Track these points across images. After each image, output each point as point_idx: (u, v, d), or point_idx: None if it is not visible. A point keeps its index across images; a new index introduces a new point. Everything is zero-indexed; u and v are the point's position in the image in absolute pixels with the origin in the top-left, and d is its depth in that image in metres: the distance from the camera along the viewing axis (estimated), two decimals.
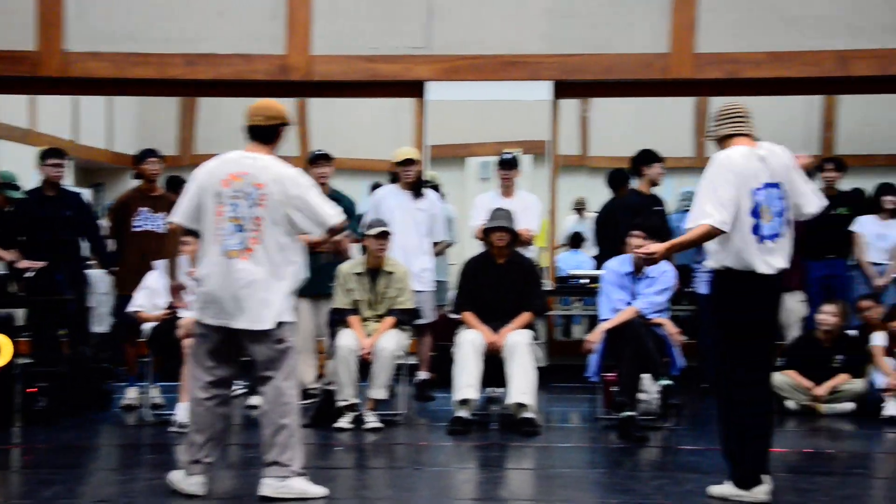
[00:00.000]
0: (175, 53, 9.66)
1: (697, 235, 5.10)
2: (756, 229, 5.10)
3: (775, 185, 5.19)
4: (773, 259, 5.14)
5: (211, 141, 12.82)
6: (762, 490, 5.12)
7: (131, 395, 8.00)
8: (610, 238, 8.58)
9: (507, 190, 8.52)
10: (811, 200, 5.32)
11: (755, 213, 5.11)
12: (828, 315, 7.94)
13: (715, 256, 5.19)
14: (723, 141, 5.29)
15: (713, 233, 5.04)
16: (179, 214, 5.29)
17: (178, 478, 5.24)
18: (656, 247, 5.23)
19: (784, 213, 5.22)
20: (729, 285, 5.18)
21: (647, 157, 8.73)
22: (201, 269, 5.23)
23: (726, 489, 5.18)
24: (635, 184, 8.97)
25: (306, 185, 5.33)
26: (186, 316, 7.27)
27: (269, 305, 5.14)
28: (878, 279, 8.85)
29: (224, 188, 5.16)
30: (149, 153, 8.37)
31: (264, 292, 5.13)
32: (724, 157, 5.16)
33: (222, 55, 9.66)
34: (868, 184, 9.54)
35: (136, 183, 8.60)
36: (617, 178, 9.20)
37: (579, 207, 12.18)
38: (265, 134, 5.35)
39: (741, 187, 5.07)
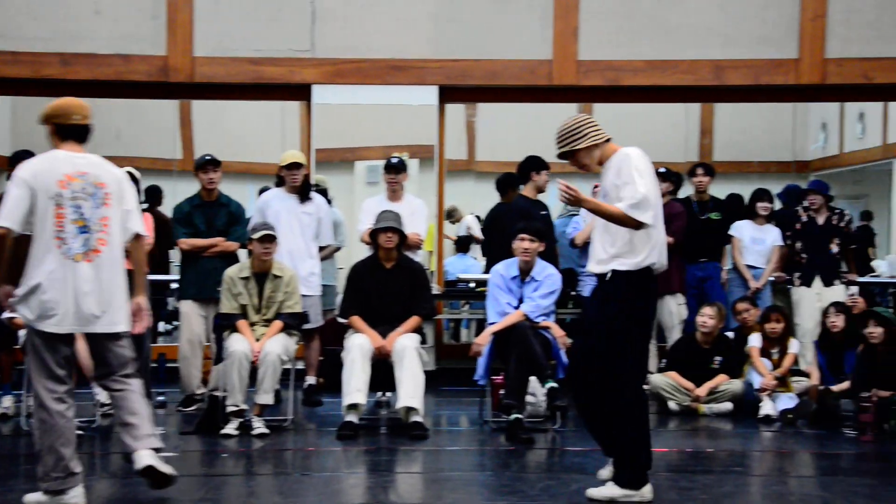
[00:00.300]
0: (50, 52, 9.40)
1: (622, 216, 5.10)
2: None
3: None
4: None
5: (89, 142, 12.47)
6: (649, 489, 5.21)
7: (6, 403, 7.74)
8: (497, 242, 8.64)
9: (394, 194, 8.50)
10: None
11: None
12: (707, 317, 8.12)
13: (631, 256, 5.19)
14: (600, 147, 5.32)
15: (634, 224, 5.09)
16: (9, 219, 4.96)
17: (41, 499, 5.04)
18: (581, 193, 5.24)
19: None
20: (645, 283, 5.25)
21: (534, 164, 8.81)
22: (36, 276, 5.00)
23: (612, 491, 5.21)
24: (523, 189, 9.06)
25: (132, 188, 5.32)
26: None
27: (122, 307, 5.13)
28: (754, 282, 9.11)
29: (62, 189, 5.00)
30: (24, 155, 8.09)
31: (112, 294, 5.08)
32: (646, 159, 5.23)
33: (101, 55, 9.46)
34: (743, 189, 9.82)
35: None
36: (505, 183, 9.27)
37: (451, 214, 12.18)
38: (84, 133, 5.23)
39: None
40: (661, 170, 9.13)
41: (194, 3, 9.47)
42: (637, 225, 5.10)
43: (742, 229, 9.27)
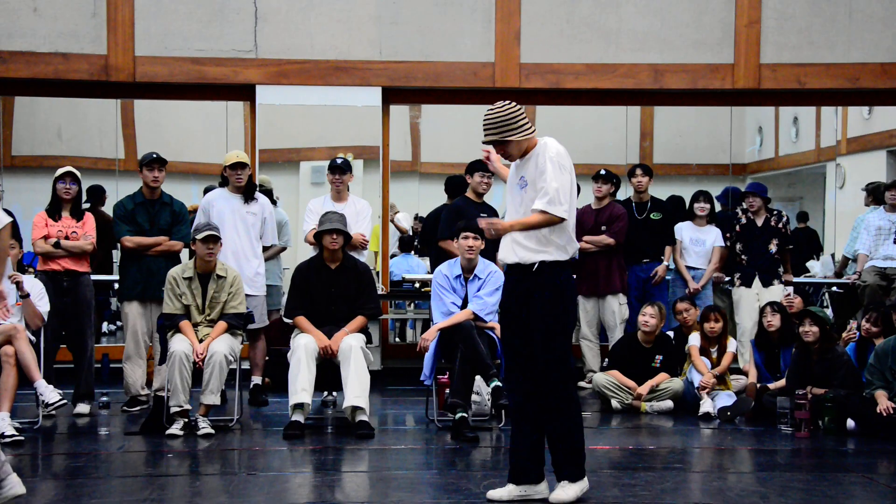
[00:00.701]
0: None
1: (543, 221, 5.13)
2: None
3: None
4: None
5: (29, 141, 12.31)
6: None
7: None
8: (437, 242, 8.67)
9: (338, 194, 8.50)
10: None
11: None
12: (648, 317, 8.22)
13: (553, 247, 5.20)
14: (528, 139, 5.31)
15: (555, 221, 5.12)
16: None
17: None
18: (502, 223, 5.28)
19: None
20: (569, 274, 5.27)
21: (469, 168, 8.83)
22: None
23: (569, 490, 5.21)
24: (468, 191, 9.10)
25: None
26: (5, 324, 6.99)
27: None
28: (694, 283, 9.25)
29: None
30: None
31: None
32: (562, 149, 5.24)
33: (40, 53, 9.34)
34: (683, 191, 9.96)
35: None
36: (453, 185, 9.31)
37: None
38: None
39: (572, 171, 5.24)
40: (602, 171, 9.24)
41: (135, 2, 9.39)
42: (557, 220, 5.14)
43: (682, 231, 9.39)
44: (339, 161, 8.51)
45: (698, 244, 9.36)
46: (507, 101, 5.31)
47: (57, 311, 7.62)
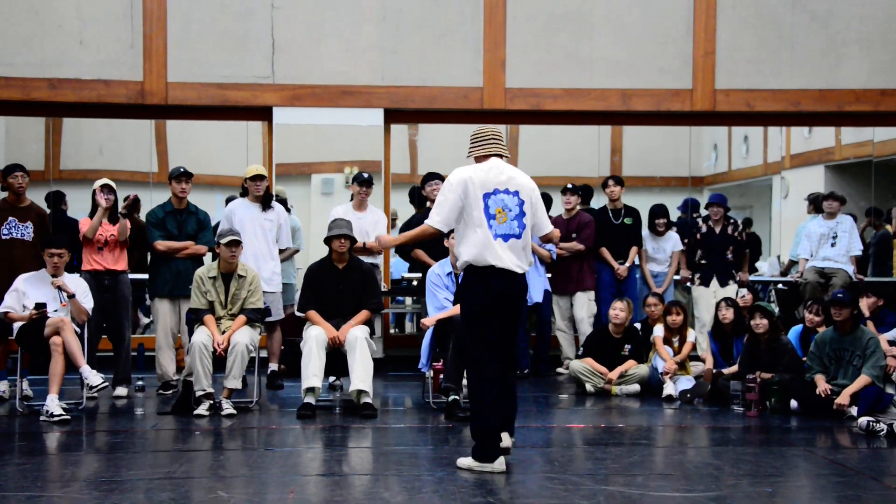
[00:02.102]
0: (39, 78, 9.29)
1: (420, 232, 5.30)
2: (490, 227, 5.16)
3: (514, 194, 5.24)
4: (506, 255, 5.18)
5: (75, 157, 12.29)
6: (501, 462, 5.20)
7: (2, 387, 7.58)
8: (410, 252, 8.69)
9: (360, 204, 8.49)
10: (545, 225, 5.41)
11: (488, 213, 5.17)
12: (618, 310, 8.22)
13: (463, 255, 5.21)
14: (479, 159, 5.35)
15: (432, 231, 5.21)
16: None
17: None
18: (388, 239, 5.29)
19: (521, 218, 5.25)
20: (473, 278, 5.20)
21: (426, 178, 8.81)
22: None
23: (468, 461, 5.24)
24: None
25: None
26: (54, 317, 6.98)
27: None
28: (656, 287, 9.24)
29: None
30: (15, 168, 7.94)
31: None
32: (457, 170, 5.26)
33: (84, 80, 9.35)
34: (648, 200, 9.96)
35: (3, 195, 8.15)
36: (415, 195, 9.31)
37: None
38: None
39: (468, 194, 5.15)
40: (569, 185, 9.28)
41: (168, 34, 9.38)
42: (430, 230, 5.21)
43: (646, 241, 9.45)
44: (365, 175, 8.56)
45: (659, 251, 9.43)
46: (487, 128, 5.45)
47: (99, 307, 7.61)
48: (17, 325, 7.13)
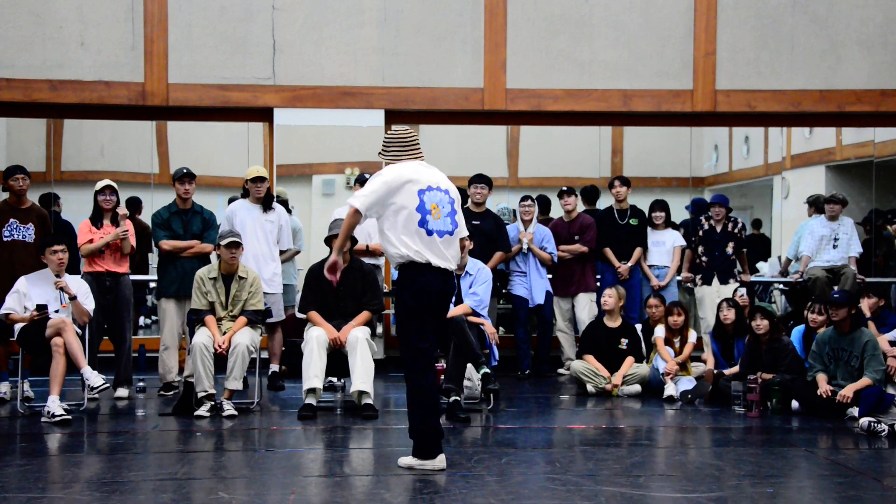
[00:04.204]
0: (40, 79, 9.27)
1: (349, 222, 5.23)
2: (423, 223, 5.17)
3: (445, 191, 5.26)
4: (443, 252, 5.19)
5: (76, 158, 12.29)
6: (441, 459, 5.24)
7: (3, 389, 7.58)
8: None
9: None
10: (464, 228, 5.41)
11: (423, 209, 5.17)
12: (607, 297, 8.26)
13: (397, 253, 5.20)
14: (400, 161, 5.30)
15: (353, 212, 5.15)
16: None
17: None
18: (334, 255, 5.29)
19: (453, 216, 5.27)
20: (408, 274, 5.21)
21: (471, 180, 8.82)
22: None
23: (408, 460, 5.29)
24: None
25: None
26: (55, 318, 6.98)
27: None
28: (656, 280, 9.22)
29: None
30: (16, 169, 7.93)
31: None
32: (391, 166, 5.26)
33: (86, 81, 9.34)
34: (648, 200, 9.93)
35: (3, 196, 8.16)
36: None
37: None
38: None
39: (403, 189, 5.14)
40: (564, 188, 9.28)
41: (168, 36, 9.37)
42: (351, 212, 5.17)
43: (646, 236, 9.39)
44: (367, 177, 8.53)
45: (658, 245, 9.38)
46: (401, 129, 5.39)
47: (100, 308, 7.61)
48: (18, 327, 7.13)
